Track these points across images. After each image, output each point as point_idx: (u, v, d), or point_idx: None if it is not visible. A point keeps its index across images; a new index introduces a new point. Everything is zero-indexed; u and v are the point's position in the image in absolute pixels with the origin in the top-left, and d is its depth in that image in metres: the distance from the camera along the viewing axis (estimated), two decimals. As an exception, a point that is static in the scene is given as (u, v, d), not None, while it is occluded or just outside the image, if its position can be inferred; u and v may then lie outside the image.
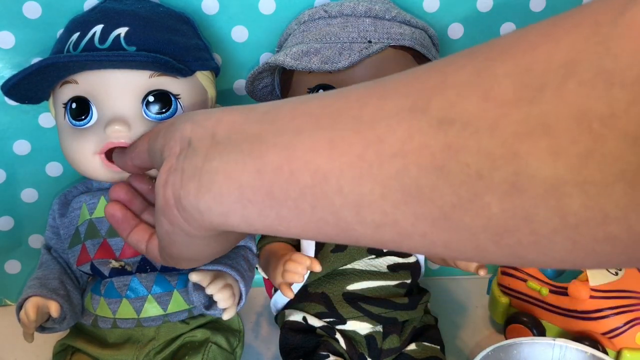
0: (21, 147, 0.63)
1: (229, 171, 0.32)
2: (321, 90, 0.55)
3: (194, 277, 0.49)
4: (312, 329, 0.57)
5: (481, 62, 0.25)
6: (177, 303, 0.54)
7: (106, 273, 0.54)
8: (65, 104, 0.52)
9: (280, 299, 0.61)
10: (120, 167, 0.48)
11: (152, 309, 0.54)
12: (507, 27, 0.65)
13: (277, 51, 0.61)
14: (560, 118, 0.21)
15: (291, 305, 0.60)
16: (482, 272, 0.54)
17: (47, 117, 0.62)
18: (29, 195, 0.66)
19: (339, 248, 0.58)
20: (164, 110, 0.51)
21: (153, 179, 0.47)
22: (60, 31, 0.55)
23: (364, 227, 0.28)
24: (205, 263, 0.44)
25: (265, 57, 0.64)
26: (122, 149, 0.48)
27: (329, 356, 0.54)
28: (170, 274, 0.55)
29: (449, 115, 0.24)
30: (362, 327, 0.57)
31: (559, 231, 0.23)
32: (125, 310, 0.54)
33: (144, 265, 0.54)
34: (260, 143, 0.31)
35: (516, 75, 0.23)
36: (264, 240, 0.59)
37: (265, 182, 0.30)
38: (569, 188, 0.22)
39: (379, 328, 0.57)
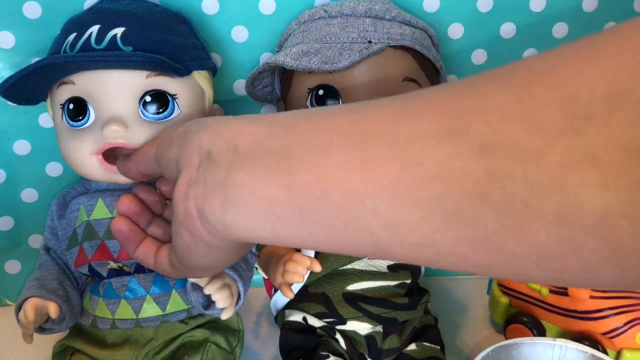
0: (21, 147, 0.64)
1: (255, 186, 0.31)
2: (321, 91, 0.55)
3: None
4: (312, 329, 0.57)
5: (521, 86, 0.24)
6: (176, 303, 0.54)
7: (104, 274, 0.54)
8: (63, 105, 0.52)
9: (280, 299, 0.61)
10: (123, 174, 0.46)
11: (150, 309, 0.54)
12: (507, 27, 0.65)
13: (277, 51, 0.61)
14: (609, 150, 0.21)
15: (291, 305, 0.60)
16: (482, 272, 0.54)
17: (47, 117, 0.62)
18: (29, 195, 0.66)
19: (339, 248, 0.58)
20: (161, 110, 0.51)
21: (158, 190, 0.46)
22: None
23: (401, 247, 0.28)
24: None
25: (265, 57, 0.64)
26: (126, 155, 0.47)
27: (329, 356, 0.54)
28: (168, 274, 0.55)
29: (492, 141, 0.24)
30: (362, 327, 0.57)
31: (608, 260, 0.23)
32: (124, 310, 0.54)
33: (142, 266, 0.54)
34: (287, 158, 0.30)
35: (560, 104, 0.23)
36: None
37: (295, 199, 0.30)
38: (618, 219, 0.22)
39: (379, 328, 0.57)
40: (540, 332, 0.61)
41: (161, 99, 0.51)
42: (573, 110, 0.22)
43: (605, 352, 0.56)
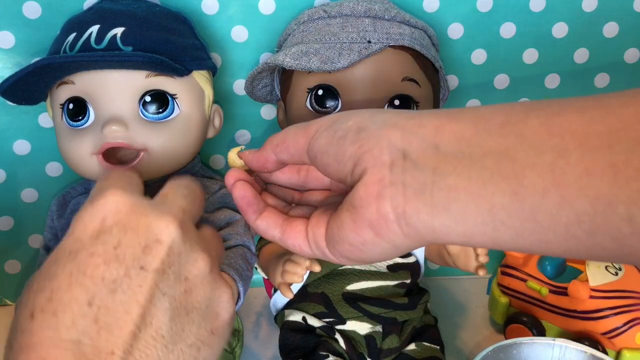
0: (21, 147, 0.64)
1: (473, 190, 0.29)
2: (320, 91, 0.55)
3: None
4: (312, 329, 0.57)
5: None
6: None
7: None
8: (62, 105, 0.52)
9: (280, 299, 0.61)
10: (248, 162, 0.39)
11: (150, 309, 0.54)
12: (507, 27, 0.65)
13: (277, 51, 0.61)
14: None
15: (291, 305, 0.60)
16: (481, 272, 0.54)
17: (47, 117, 0.62)
18: (29, 195, 0.66)
19: (339, 248, 0.58)
20: (160, 110, 0.51)
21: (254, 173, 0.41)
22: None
23: None
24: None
25: (265, 57, 0.64)
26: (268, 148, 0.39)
27: (328, 356, 0.54)
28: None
29: None
30: (361, 327, 0.57)
31: None
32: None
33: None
34: (510, 161, 0.28)
35: None
36: (263, 240, 0.59)
37: (525, 205, 0.28)
38: None
39: (379, 328, 0.57)
40: (540, 332, 0.61)
41: (161, 98, 0.51)
42: None
43: (605, 352, 0.56)
